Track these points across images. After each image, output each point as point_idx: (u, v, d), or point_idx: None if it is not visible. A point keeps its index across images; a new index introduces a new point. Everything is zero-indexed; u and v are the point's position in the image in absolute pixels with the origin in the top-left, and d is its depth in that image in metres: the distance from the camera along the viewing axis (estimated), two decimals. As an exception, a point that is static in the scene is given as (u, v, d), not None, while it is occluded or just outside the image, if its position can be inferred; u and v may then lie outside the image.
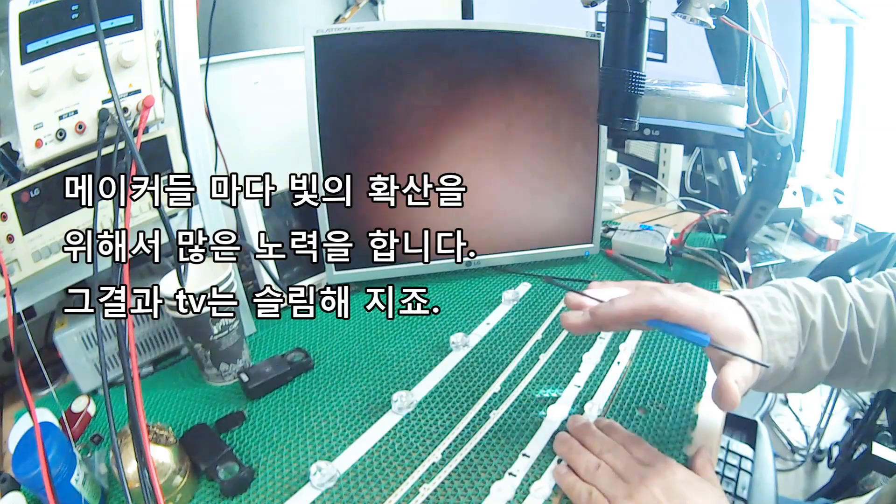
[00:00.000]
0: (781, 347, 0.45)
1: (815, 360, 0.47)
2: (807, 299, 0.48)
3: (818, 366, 0.47)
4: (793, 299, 0.48)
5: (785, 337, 0.46)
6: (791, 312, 0.47)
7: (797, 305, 0.48)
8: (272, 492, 0.49)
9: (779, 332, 0.45)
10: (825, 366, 0.47)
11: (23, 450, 0.46)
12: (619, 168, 1.15)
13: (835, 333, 0.47)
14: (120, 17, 0.55)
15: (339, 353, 0.69)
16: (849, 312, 0.47)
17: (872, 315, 0.48)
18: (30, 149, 0.53)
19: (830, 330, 0.47)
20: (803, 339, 0.46)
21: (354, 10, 1.18)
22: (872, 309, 0.48)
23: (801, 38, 0.78)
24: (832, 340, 0.47)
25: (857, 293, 0.49)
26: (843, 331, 0.47)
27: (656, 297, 0.45)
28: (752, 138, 0.77)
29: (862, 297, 0.49)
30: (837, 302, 0.48)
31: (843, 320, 0.47)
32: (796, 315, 0.47)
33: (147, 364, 0.69)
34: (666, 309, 0.44)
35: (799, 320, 0.47)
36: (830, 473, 1.25)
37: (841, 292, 0.49)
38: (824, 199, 1.21)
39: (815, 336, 0.46)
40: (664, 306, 0.44)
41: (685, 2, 0.54)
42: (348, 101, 0.74)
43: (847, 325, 0.47)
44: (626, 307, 0.45)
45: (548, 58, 0.79)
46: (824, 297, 0.48)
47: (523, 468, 0.50)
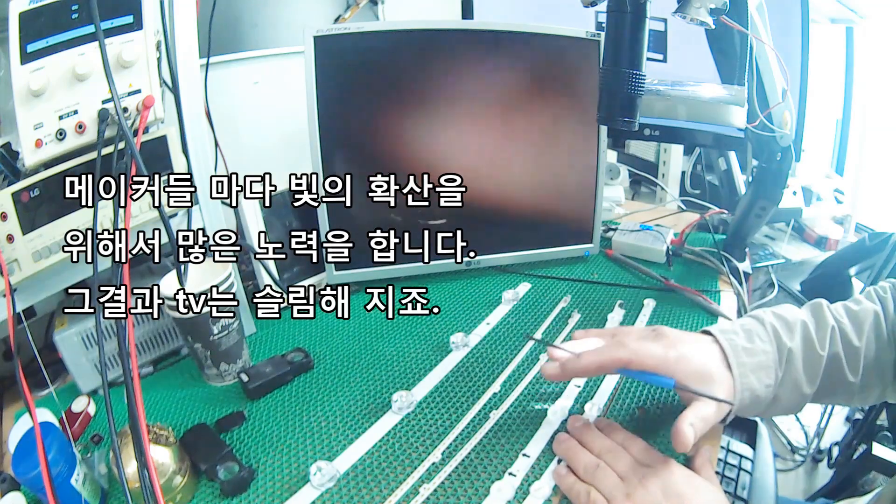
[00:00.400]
0: (756, 377, 0.47)
1: (796, 385, 0.48)
2: (784, 328, 0.50)
3: (800, 390, 0.48)
4: (769, 329, 0.50)
5: (759, 366, 0.48)
6: (766, 343, 0.49)
7: (773, 335, 0.49)
8: (272, 492, 0.49)
9: (752, 363, 0.48)
10: (807, 389, 0.48)
11: (23, 450, 0.46)
12: (619, 168, 1.15)
13: (815, 357, 0.48)
14: (120, 17, 0.55)
15: (339, 353, 0.69)
16: (830, 334, 0.49)
17: (858, 333, 0.49)
18: (30, 149, 0.53)
19: (810, 354, 0.49)
20: (780, 367, 0.48)
21: (354, 10, 1.18)
22: (858, 327, 0.49)
23: (801, 38, 0.78)
24: (812, 364, 0.48)
25: (844, 312, 0.51)
26: (823, 354, 0.48)
27: (620, 351, 0.48)
28: (752, 138, 0.77)
29: (848, 315, 0.50)
30: (819, 325, 0.50)
31: (825, 343, 0.49)
32: (772, 345, 0.49)
33: (147, 364, 0.69)
34: (629, 360, 0.47)
35: (775, 349, 0.49)
36: (830, 473, 1.25)
37: (824, 315, 0.50)
38: (824, 199, 1.21)
39: (792, 362, 0.48)
40: (626, 358, 0.48)
41: (685, 2, 0.54)
42: (348, 101, 0.74)
43: (829, 347, 0.48)
44: (591, 363, 0.49)
45: (548, 58, 0.79)
46: (804, 322, 0.50)
47: (523, 468, 0.50)
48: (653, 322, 0.71)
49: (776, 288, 0.98)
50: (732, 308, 0.75)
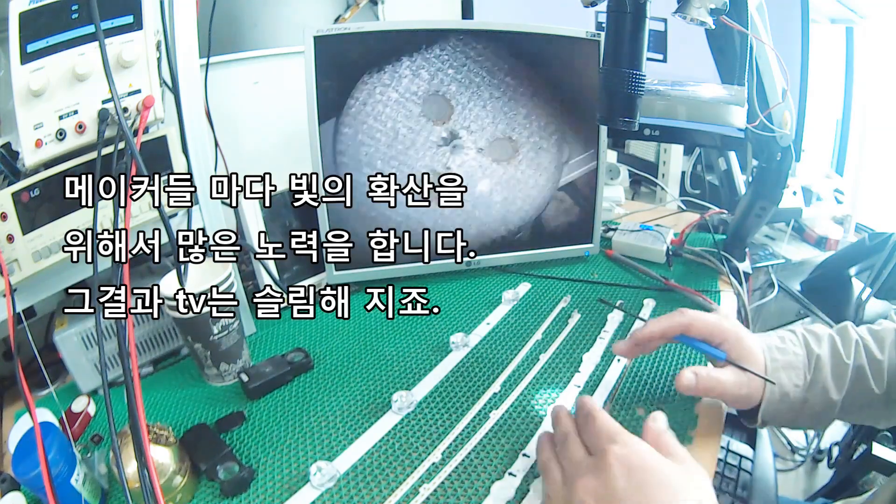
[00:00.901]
0: (786, 375, 0.50)
1: (825, 390, 0.50)
2: (813, 337, 0.53)
3: (828, 395, 0.50)
4: (799, 337, 0.53)
5: (790, 365, 0.50)
6: (797, 346, 0.52)
7: (803, 341, 0.53)
8: (272, 492, 0.49)
9: (783, 361, 0.51)
10: (835, 395, 0.50)
11: (23, 450, 0.46)
12: (619, 168, 1.15)
13: (842, 365, 0.51)
14: (120, 17, 0.55)
15: (339, 353, 0.69)
16: (855, 347, 0.51)
17: (880, 347, 0.51)
18: (30, 149, 0.53)
19: (837, 362, 0.51)
20: (809, 370, 0.51)
21: (354, 10, 1.18)
22: (880, 343, 0.52)
23: (801, 38, 0.78)
24: (839, 371, 0.51)
25: (866, 331, 0.54)
26: (849, 363, 0.50)
27: (680, 317, 0.53)
28: (752, 138, 0.77)
29: (870, 334, 0.53)
30: (844, 339, 0.52)
31: (850, 354, 0.51)
32: (802, 349, 0.52)
33: (147, 364, 0.69)
34: (689, 324, 0.52)
35: (805, 353, 0.52)
36: (830, 473, 1.25)
37: (848, 331, 0.53)
38: (824, 199, 1.21)
39: (821, 368, 0.51)
40: (686, 322, 0.52)
41: (685, 2, 0.54)
42: (348, 101, 0.74)
43: (854, 358, 0.51)
44: (655, 328, 0.53)
45: (548, 58, 0.79)
46: (830, 335, 0.53)
47: (523, 468, 0.50)
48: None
49: (776, 288, 0.98)
50: (732, 308, 0.75)
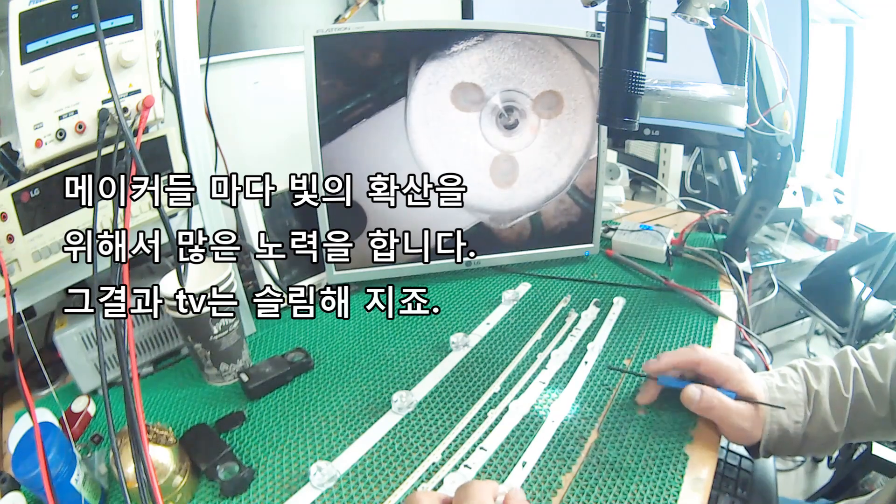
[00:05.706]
0: (786, 413, 0.52)
1: (824, 423, 0.52)
2: (813, 373, 0.55)
3: (828, 429, 0.52)
4: (800, 373, 0.55)
5: (790, 403, 0.53)
6: (797, 384, 0.54)
7: (803, 378, 0.55)
8: (272, 492, 0.49)
9: (783, 399, 0.53)
10: (835, 428, 0.52)
11: (23, 450, 0.46)
12: (619, 168, 1.15)
13: (840, 399, 0.53)
14: (120, 17, 0.55)
15: (339, 353, 0.69)
16: (854, 376, 0.53)
17: (882, 371, 0.53)
18: (30, 149, 0.53)
19: (835, 396, 0.53)
20: (809, 407, 0.53)
21: (354, 10, 1.18)
22: (882, 365, 0.53)
23: (801, 38, 0.78)
24: (838, 405, 0.53)
25: (869, 353, 0.55)
26: (848, 396, 0.53)
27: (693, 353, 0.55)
28: (752, 138, 0.77)
29: (872, 356, 0.55)
30: (843, 370, 0.54)
31: (849, 386, 0.53)
32: (802, 386, 0.54)
33: (147, 364, 0.69)
34: (700, 360, 0.54)
35: (805, 390, 0.54)
36: (830, 473, 1.25)
37: (847, 360, 0.55)
38: (824, 199, 1.21)
39: (820, 403, 0.53)
40: (698, 359, 0.55)
41: (685, 2, 0.54)
42: (348, 101, 0.74)
43: (853, 388, 0.53)
44: (668, 360, 0.56)
45: (547, 57, 0.79)
46: (830, 368, 0.55)
47: (522, 468, 0.50)
48: (653, 322, 0.71)
49: (776, 288, 0.98)
50: (732, 308, 0.75)
